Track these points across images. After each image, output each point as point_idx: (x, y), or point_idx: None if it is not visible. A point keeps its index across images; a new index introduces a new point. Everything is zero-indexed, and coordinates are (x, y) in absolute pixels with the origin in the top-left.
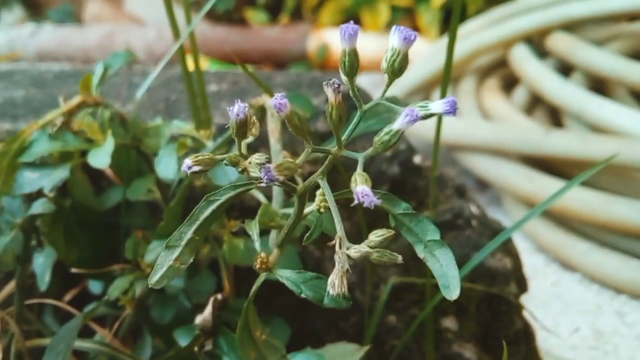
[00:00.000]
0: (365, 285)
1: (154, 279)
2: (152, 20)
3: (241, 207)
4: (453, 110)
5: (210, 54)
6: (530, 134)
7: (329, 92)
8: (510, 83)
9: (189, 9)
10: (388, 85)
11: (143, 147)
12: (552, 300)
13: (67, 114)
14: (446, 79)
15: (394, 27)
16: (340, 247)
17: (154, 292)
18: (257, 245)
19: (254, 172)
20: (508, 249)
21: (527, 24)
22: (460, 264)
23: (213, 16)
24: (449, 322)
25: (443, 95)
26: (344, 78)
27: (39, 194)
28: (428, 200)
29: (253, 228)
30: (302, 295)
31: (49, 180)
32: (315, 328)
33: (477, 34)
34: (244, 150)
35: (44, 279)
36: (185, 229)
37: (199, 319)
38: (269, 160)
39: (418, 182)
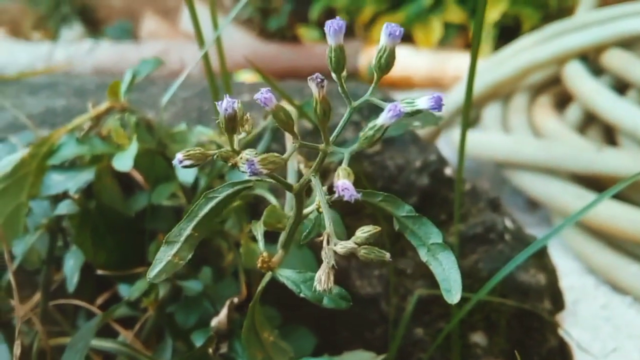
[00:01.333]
0: (391, 296)
1: (152, 273)
2: (207, 37)
3: None
4: (438, 106)
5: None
6: (582, 151)
7: (313, 87)
8: (563, 101)
9: (216, 15)
10: (376, 82)
11: (168, 153)
12: (601, 324)
13: (95, 119)
14: (467, 110)
15: (384, 25)
16: (328, 244)
17: (177, 296)
18: (261, 245)
19: (244, 168)
20: (544, 264)
21: (582, 40)
22: (490, 278)
23: (265, 33)
24: (478, 337)
25: (465, 125)
26: (333, 75)
27: (65, 195)
28: (459, 212)
29: (258, 229)
30: (301, 295)
31: (74, 182)
32: (341, 338)
33: (530, 50)
34: (236, 146)
35: (73, 281)
36: (185, 225)
37: (214, 322)
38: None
39: (449, 194)
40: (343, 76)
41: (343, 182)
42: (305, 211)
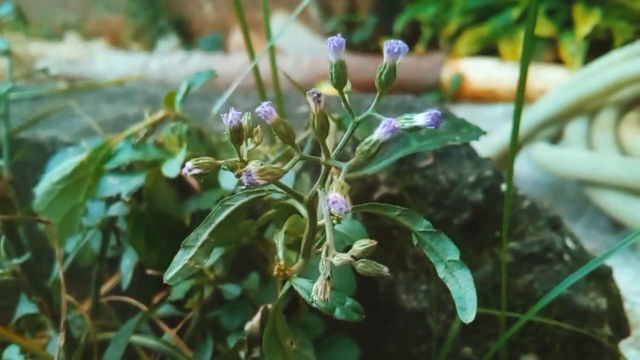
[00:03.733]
0: (439, 313)
1: (169, 275)
2: (292, 50)
3: None
4: (435, 123)
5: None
6: None
7: (310, 101)
8: None
9: (268, 22)
10: (379, 98)
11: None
12: None
13: (151, 127)
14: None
15: (385, 42)
16: (326, 255)
17: (220, 299)
18: (280, 253)
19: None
20: (607, 288)
21: None
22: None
23: (350, 46)
24: None
25: (514, 142)
26: (336, 90)
27: (119, 197)
28: (515, 230)
29: (278, 237)
30: (314, 305)
31: (126, 185)
32: (387, 353)
33: (620, 65)
34: (244, 157)
35: (127, 278)
36: (202, 231)
37: (247, 326)
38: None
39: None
40: (345, 91)
41: (334, 196)
42: (321, 222)
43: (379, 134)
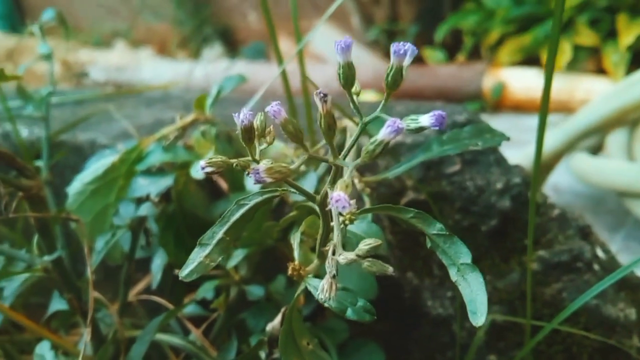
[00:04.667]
0: (464, 320)
1: (184, 272)
2: (334, 59)
3: None
4: (439, 123)
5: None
6: None
7: (317, 102)
8: None
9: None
10: (386, 98)
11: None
12: None
13: (181, 130)
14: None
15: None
16: (333, 254)
17: (246, 300)
18: (295, 253)
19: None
20: (638, 299)
21: None
22: (574, 310)
23: (390, 55)
24: None
25: (539, 151)
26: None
27: (149, 198)
28: (544, 238)
29: (294, 238)
30: (326, 305)
31: (155, 186)
32: (412, 359)
33: None
34: (256, 156)
35: (157, 278)
36: (217, 230)
37: (269, 327)
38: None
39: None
40: (354, 92)
41: (337, 194)
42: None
43: (384, 134)
